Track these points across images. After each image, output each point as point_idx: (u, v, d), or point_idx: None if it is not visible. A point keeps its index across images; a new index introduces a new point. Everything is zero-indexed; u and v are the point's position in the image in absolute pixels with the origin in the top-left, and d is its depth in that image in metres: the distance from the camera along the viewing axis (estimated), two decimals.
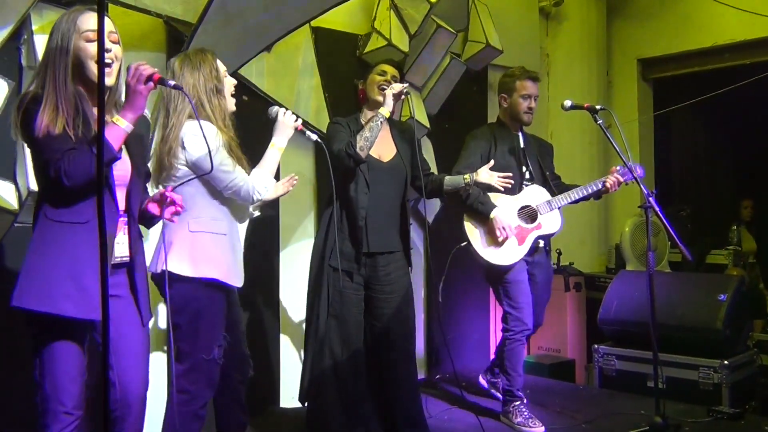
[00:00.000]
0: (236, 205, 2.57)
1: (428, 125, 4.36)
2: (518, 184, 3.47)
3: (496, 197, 3.42)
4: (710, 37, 5.39)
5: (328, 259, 3.04)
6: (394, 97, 2.98)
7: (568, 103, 3.26)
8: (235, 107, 2.64)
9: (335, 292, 3.04)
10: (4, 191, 2.80)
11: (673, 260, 5.27)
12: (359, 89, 3.25)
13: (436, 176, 3.33)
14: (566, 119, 5.17)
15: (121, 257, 2.08)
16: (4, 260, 2.82)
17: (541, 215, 3.46)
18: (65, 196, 1.95)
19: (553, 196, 3.50)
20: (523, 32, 5.26)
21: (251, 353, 2.81)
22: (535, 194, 3.50)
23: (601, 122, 3.13)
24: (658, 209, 2.97)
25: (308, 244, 3.25)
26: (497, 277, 3.48)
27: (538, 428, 3.33)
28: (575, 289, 5.03)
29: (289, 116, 2.67)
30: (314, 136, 2.83)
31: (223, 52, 3.09)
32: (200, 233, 2.45)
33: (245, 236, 3.57)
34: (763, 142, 5.92)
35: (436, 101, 4.50)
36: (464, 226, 3.45)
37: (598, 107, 3.18)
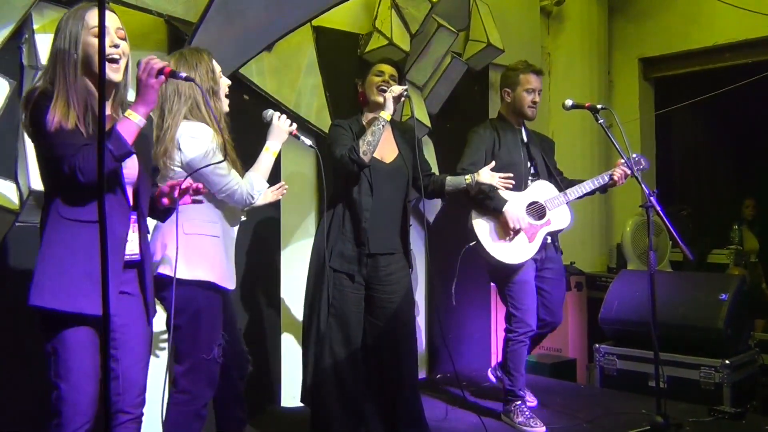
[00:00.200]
0: (229, 208, 2.55)
1: (429, 125, 4.36)
2: (524, 179, 3.43)
3: (502, 194, 3.36)
4: (711, 36, 5.40)
5: (328, 260, 3.03)
6: (394, 99, 2.96)
7: (569, 102, 3.25)
8: (227, 108, 2.59)
9: (336, 291, 3.03)
10: (5, 190, 2.80)
11: (674, 260, 5.27)
12: (359, 92, 3.25)
13: (437, 177, 3.31)
14: (567, 119, 5.17)
15: (131, 255, 2.08)
16: (6, 259, 2.82)
17: (549, 211, 3.41)
18: (79, 193, 1.93)
19: (560, 190, 3.45)
20: (524, 31, 5.25)
21: (252, 352, 2.81)
22: (542, 189, 3.45)
23: (602, 122, 3.12)
24: (659, 208, 2.96)
25: (309, 244, 3.24)
26: (504, 277, 3.44)
27: (539, 428, 3.33)
28: (576, 288, 5.03)
29: (283, 120, 2.64)
30: (308, 141, 2.81)
31: (223, 51, 3.10)
32: (194, 236, 2.42)
33: (246, 236, 3.57)
34: (764, 141, 5.92)
35: (437, 101, 4.50)
36: (473, 225, 3.39)
37: (599, 107, 3.17)
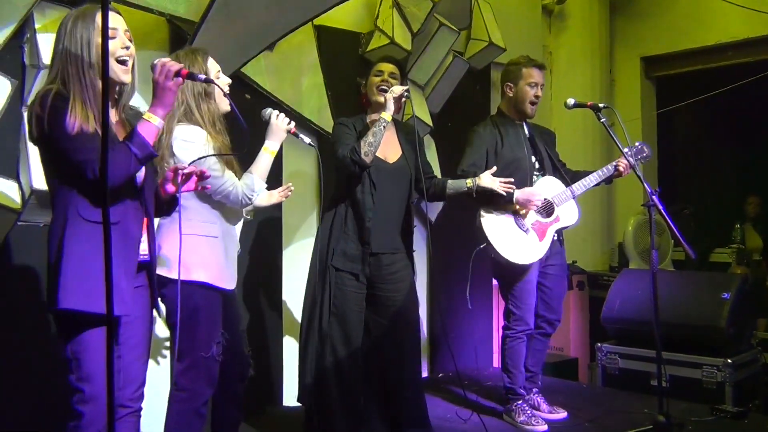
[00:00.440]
0: (228, 208, 2.55)
1: (431, 123, 4.35)
2: (529, 175, 3.41)
3: None
4: (713, 35, 5.39)
5: (330, 259, 3.03)
6: (395, 100, 2.96)
7: (571, 101, 3.24)
8: (228, 108, 2.51)
9: (337, 290, 3.03)
10: (7, 190, 2.80)
11: (676, 258, 5.26)
12: (362, 93, 3.24)
13: (438, 180, 3.30)
14: (569, 117, 5.16)
15: (142, 255, 2.10)
16: (8, 258, 2.82)
17: (557, 207, 3.40)
18: (99, 196, 1.92)
19: (566, 185, 3.43)
20: (525, 30, 5.25)
21: (253, 352, 2.81)
22: (548, 186, 3.42)
23: (604, 120, 3.11)
24: (661, 207, 2.96)
25: (311, 243, 3.23)
26: (511, 276, 3.41)
27: (540, 426, 3.33)
28: (578, 287, 5.03)
29: (282, 119, 2.61)
30: (307, 139, 2.79)
31: (225, 50, 3.10)
32: (191, 236, 2.43)
33: (249, 236, 3.57)
34: (766, 139, 5.91)
35: (438, 99, 4.50)
36: (482, 226, 3.33)
37: (601, 105, 3.17)
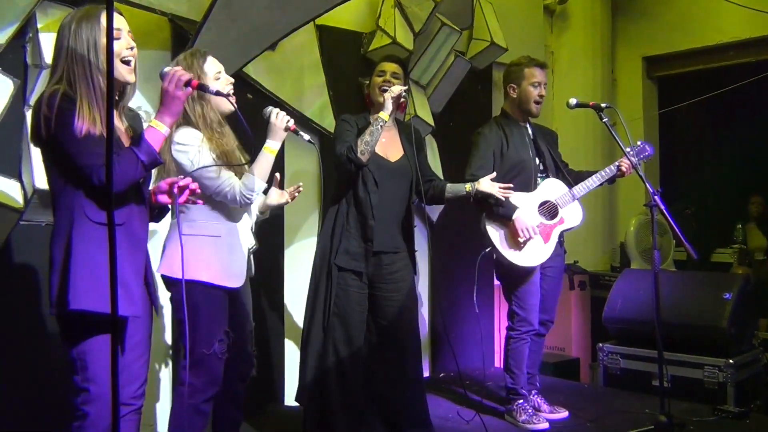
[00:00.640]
0: (229, 207, 2.56)
1: (432, 123, 4.35)
2: (533, 177, 3.42)
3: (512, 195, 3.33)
4: (715, 34, 5.38)
5: (333, 257, 3.03)
6: (393, 100, 2.96)
7: (573, 101, 3.24)
8: (231, 107, 2.44)
9: (339, 290, 3.03)
10: (9, 189, 2.81)
11: (678, 259, 5.26)
12: (366, 93, 3.24)
13: (438, 183, 3.30)
14: (571, 117, 5.15)
15: None
16: (10, 257, 2.83)
17: (561, 209, 3.40)
18: (105, 198, 1.92)
19: (569, 187, 3.43)
20: (527, 30, 5.24)
21: (255, 352, 2.81)
22: (552, 188, 3.43)
23: (606, 120, 3.12)
24: (663, 207, 2.96)
25: (313, 242, 3.24)
26: (515, 278, 3.41)
27: (542, 424, 3.34)
28: (580, 287, 5.03)
29: (281, 117, 2.58)
30: (307, 136, 2.77)
31: (227, 49, 3.10)
32: (194, 236, 2.46)
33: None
34: None
35: (440, 99, 4.50)
36: (487, 230, 3.35)
37: (603, 105, 3.17)
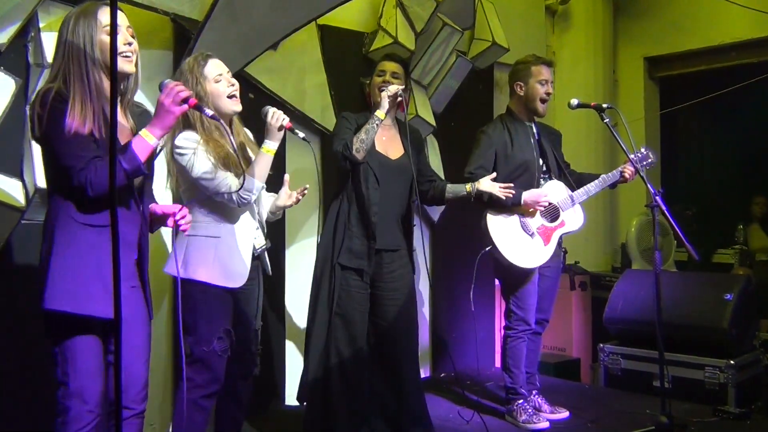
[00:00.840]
0: (229, 208, 2.57)
1: (434, 123, 4.35)
2: (536, 178, 3.41)
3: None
4: (717, 35, 5.37)
5: (336, 256, 3.03)
6: (389, 98, 2.96)
7: (574, 101, 3.24)
8: (239, 107, 2.57)
9: (341, 290, 3.03)
10: (11, 188, 2.80)
11: (679, 259, 5.25)
12: (366, 93, 3.25)
13: (438, 183, 3.30)
14: (572, 117, 5.15)
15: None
16: (11, 256, 2.83)
17: (563, 212, 3.41)
18: (91, 201, 1.95)
19: (572, 190, 3.43)
20: (529, 30, 5.25)
21: (260, 351, 2.82)
22: (554, 190, 3.42)
23: (607, 121, 3.12)
24: (664, 208, 2.96)
25: (314, 242, 3.24)
26: (514, 278, 3.41)
27: (542, 424, 3.34)
28: (581, 288, 5.02)
29: (276, 117, 2.58)
30: (302, 134, 2.75)
31: (229, 49, 3.11)
32: (193, 237, 2.50)
33: None
34: None
35: (442, 99, 4.50)
36: (487, 227, 3.34)
37: (604, 106, 3.17)
